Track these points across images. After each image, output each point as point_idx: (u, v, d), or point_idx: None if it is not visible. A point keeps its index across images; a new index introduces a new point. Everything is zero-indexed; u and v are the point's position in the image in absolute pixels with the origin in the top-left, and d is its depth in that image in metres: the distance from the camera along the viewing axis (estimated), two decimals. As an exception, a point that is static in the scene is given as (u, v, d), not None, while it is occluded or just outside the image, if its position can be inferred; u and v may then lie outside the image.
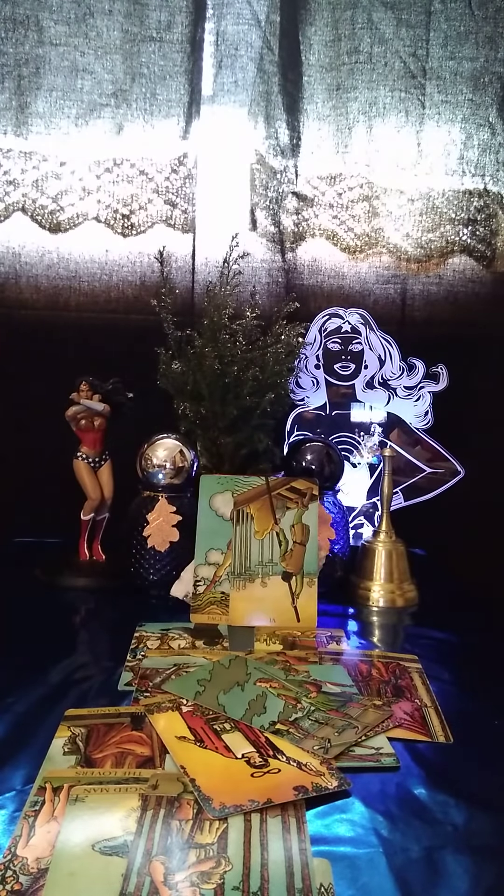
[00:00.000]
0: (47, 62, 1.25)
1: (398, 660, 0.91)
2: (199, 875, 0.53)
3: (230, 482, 1.06)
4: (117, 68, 1.26)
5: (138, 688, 0.80)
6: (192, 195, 1.32)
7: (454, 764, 0.70)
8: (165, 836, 0.57)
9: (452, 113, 1.31)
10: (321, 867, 0.54)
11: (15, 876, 0.52)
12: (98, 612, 1.05)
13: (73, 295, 1.34)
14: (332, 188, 1.33)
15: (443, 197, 1.33)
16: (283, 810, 0.60)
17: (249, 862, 0.54)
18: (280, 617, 0.99)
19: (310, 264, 1.37)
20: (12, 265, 1.32)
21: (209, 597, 1.01)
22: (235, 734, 0.71)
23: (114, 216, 1.30)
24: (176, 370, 1.18)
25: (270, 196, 1.33)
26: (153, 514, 1.10)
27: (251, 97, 1.30)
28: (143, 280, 1.34)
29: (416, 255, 1.35)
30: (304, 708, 0.76)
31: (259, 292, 1.35)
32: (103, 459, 1.18)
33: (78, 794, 0.61)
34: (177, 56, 1.27)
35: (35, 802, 0.60)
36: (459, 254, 1.36)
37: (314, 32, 1.29)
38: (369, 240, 1.34)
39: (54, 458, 1.19)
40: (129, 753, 0.68)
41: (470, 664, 0.92)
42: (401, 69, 1.29)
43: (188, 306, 1.33)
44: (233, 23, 1.28)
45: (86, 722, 0.73)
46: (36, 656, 0.88)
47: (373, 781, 0.66)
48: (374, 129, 1.31)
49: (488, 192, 1.33)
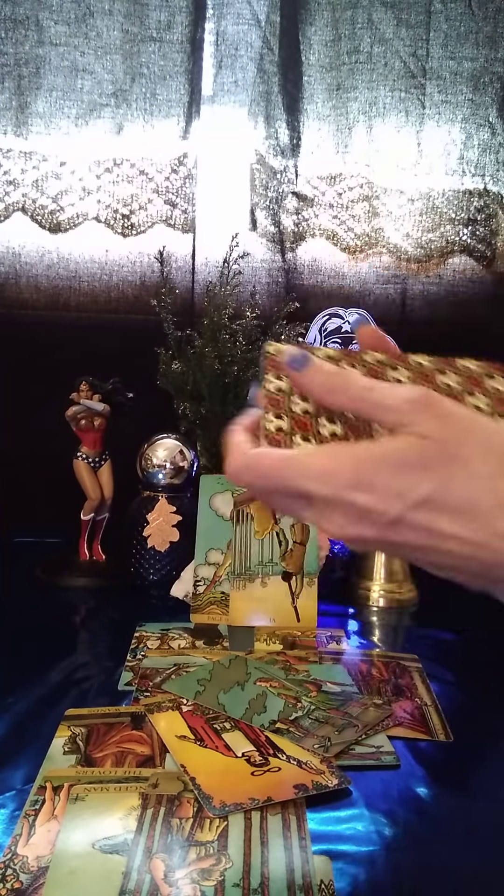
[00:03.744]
0: (47, 62, 1.25)
1: (398, 659, 0.91)
2: (199, 872, 0.53)
3: (230, 482, 1.06)
4: (117, 68, 1.26)
5: (138, 687, 0.80)
6: (192, 195, 1.32)
7: (454, 762, 0.70)
8: (166, 834, 0.57)
9: (452, 113, 1.31)
10: (321, 865, 0.54)
11: (15, 874, 0.52)
12: (98, 612, 1.05)
13: (73, 295, 1.34)
14: (332, 188, 1.33)
15: (443, 197, 1.33)
16: (283, 808, 0.60)
17: (250, 859, 0.54)
18: (280, 617, 0.99)
19: (310, 264, 1.37)
20: (12, 265, 1.32)
21: (209, 597, 1.01)
22: (235, 733, 0.71)
23: (114, 216, 1.30)
24: (176, 370, 1.19)
25: (270, 196, 1.33)
26: (153, 514, 1.10)
27: (251, 97, 1.30)
28: (143, 280, 1.34)
29: (416, 255, 1.35)
30: (304, 707, 0.76)
31: (259, 292, 1.35)
32: (103, 459, 1.18)
33: (78, 793, 0.61)
34: (177, 56, 1.27)
35: (35, 801, 0.60)
36: (459, 254, 1.36)
37: (314, 32, 1.29)
38: (369, 240, 1.34)
39: (54, 458, 1.19)
40: (130, 753, 0.68)
41: (470, 663, 0.92)
42: (401, 69, 1.30)
43: (188, 306, 1.33)
44: (233, 23, 1.28)
45: (86, 721, 0.73)
46: (36, 656, 0.88)
47: (373, 779, 0.66)
48: (374, 129, 1.31)
49: (488, 192, 1.33)
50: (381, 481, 0.38)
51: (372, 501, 0.38)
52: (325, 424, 0.42)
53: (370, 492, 0.38)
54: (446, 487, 0.37)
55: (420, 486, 0.37)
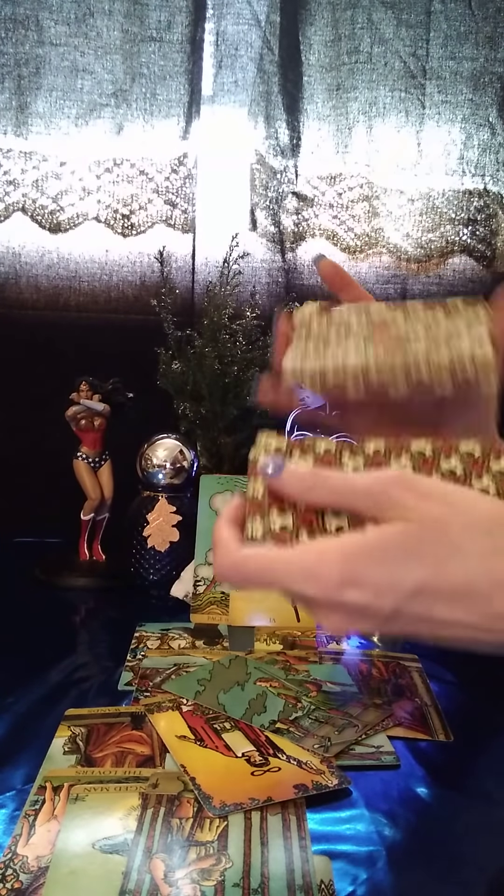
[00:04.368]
0: (47, 62, 1.25)
1: (398, 659, 0.91)
2: (199, 872, 0.53)
3: (230, 482, 1.06)
4: (117, 68, 1.26)
5: (138, 687, 0.80)
6: (192, 195, 1.32)
7: (454, 762, 0.70)
8: (166, 834, 0.57)
9: (452, 113, 1.31)
10: (321, 864, 0.54)
11: (15, 874, 0.52)
12: (98, 612, 1.05)
13: (73, 295, 1.34)
14: (332, 188, 1.33)
15: (443, 197, 1.33)
16: (283, 808, 0.60)
17: (250, 859, 0.54)
18: (280, 617, 0.99)
19: (310, 264, 1.37)
20: (12, 265, 1.32)
21: (209, 597, 1.01)
22: (235, 733, 0.71)
23: (114, 216, 1.30)
24: (176, 370, 1.18)
25: (270, 196, 1.33)
26: (153, 514, 1.10)
27: (251, 97, 1.30)
28: (143, 280, 1.34)
29: (416, 255, 1.35)
30: (304, 707, 0.76)
31: (259, 292, 1.35)
32: (103, 459, 1.18)
33: (78, 793, 0.61)
34: (177, 56, 1.27)
35: (35, 801, 0.60)
36: (459, 254, 1.36)
37: (314, 32, 1.29)
38: (369, 240, 1.34)
39: (54, 458, 1.19)
40: (130, 753, 0.68)
41: (470, 663, 0.92)
42: (401, 69, 1.29)
43: (188, 306, 1.33)
44: (233, 23, 1.28)
45: (86, 721, 0.73)
46: (36, 656, 0.88)
47: (373, 779, 0.66)
48: (374, 129, 1.31)
49: (488, 192, 1.33)
50: (371, 575, 0.36)
51: (364, 598, 0.36)
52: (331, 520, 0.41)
53: (361, 588, 0.36)
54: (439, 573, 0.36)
55: (412, 574, 0.36)
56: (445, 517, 0.37)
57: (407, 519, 0.37)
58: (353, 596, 0.37)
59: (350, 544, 0.38)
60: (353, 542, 0.38)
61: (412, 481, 0.38)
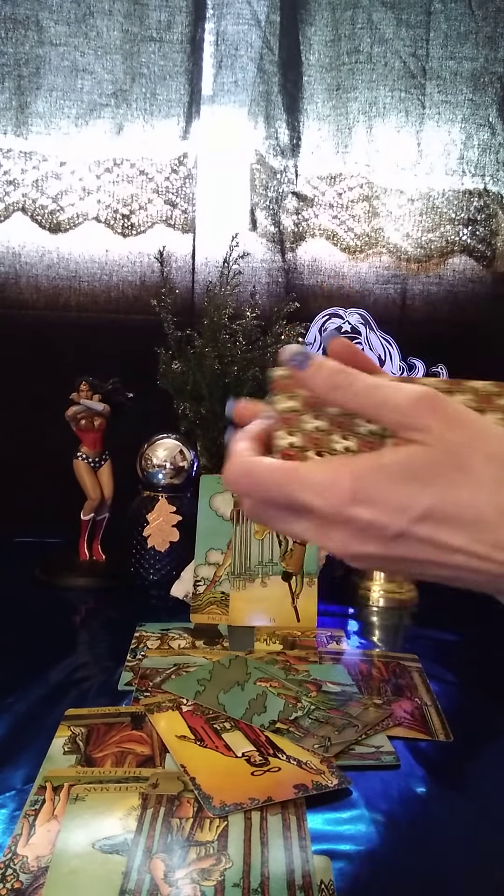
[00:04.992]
0: (47, 62, 1.25)
1: (398, 659, 0.91)
2: (199, 872, 0.53)
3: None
4: (117, 68, 1.26)
5: (138, 687, 0.80)
6: (192, 195, 1.32)
7: (454, 762, 0.70)
8: (166, 834, 0.57)
9: (452, 113, 1.31)
10: (321, 864, 0.54)
11: (15, 874, 0.52)
12: (98, 612, 1.05)
13: (73, 295, 1.34)
14: (332, 188, 1.33)
15: (443, 197, 1.33)
16: (283, 808, 0.60)
17: (250, 859, 0.54)
18: (280, 617, 0.99)
19: (310, 264, 1.37)
20: (12, 265, 1.32)
21: (209, 597, 1.01)
22: (235, 733, 0.71)
23: (114, 216, 1.30)
24: (176, 370, 1.18)
25: (270, 196, 1.33)
26: (153, 514, 1.10)
27: (251, 97, 1.30)
28: (143, 280, 1.34)
29: (416, 255, 1.35)
30: (304, 707, 0.76)
31: (259, 292, 1.35)
32: (103, 459, 1.18)
33: (78, 793, 0.61)
34: (177, 56, 1.27)
35: (35, 801, 0.60)
36: (459, 254, 1.36)
37: (314, 32, 1.29)
38: (369, 240, 1.34)
39: (54, 458, 1.19)
40: (130, 753, 0.68)
41: (470, 663, 0.92)
42: (401, 69, 1.30)
43: (188, 306, 1.33)
44: (233, 23, 1.28)
45: (86, 721, 0.73)
46: (36, 656, 0.87)
47: (373, 779, 0.66)
48: (374, 129, 1.31)
49: (488, 192, 1.33)
50: (384, 494, 0.36)
51: (374, 516, 0.37)
52: (338, 441, 0.41)
53: (372, 506, 0.37)
54: (450, 498, 0.36)
55: (423, 497, 0.36)
56: (465, 444, 0.37)
57: (427, 444, 0.37)
58: (362, 513, 0.37)
59: (365, 461, 0.38)
60: (369, 459, 0.38)
61: (441, 403, 0.37)
